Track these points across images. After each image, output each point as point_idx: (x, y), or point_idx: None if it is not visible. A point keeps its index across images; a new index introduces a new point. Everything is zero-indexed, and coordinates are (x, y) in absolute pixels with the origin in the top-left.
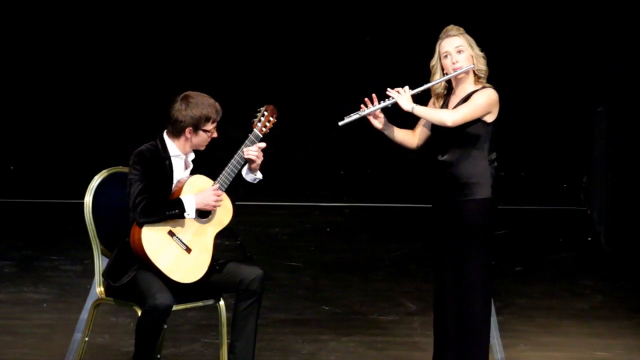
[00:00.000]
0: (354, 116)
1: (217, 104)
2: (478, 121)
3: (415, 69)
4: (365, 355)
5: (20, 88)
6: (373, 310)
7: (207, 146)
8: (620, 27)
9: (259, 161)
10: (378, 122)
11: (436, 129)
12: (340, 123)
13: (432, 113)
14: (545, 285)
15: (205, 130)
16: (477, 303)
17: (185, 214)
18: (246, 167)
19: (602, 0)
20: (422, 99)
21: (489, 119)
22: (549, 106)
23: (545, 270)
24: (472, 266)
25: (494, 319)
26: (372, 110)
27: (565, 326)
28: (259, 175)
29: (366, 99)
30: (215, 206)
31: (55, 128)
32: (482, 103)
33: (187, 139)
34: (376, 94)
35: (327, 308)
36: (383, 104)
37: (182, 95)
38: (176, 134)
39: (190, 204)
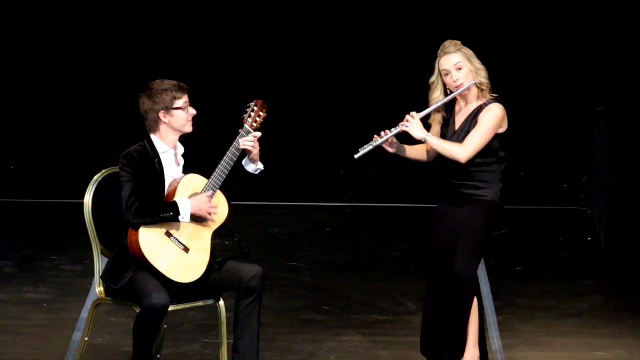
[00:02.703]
0: (368, 147)
1: (180, 83)
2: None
3: (416, 68)
4: (365, 355)
5: (20, 88)
6: (373, 310)
7: (193, 127)
8: (620, 28)
9: (255, 151)
10: (391, 148)
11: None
12: (355, 156)
13: (444, 147)
14: (545, 285)
15: (177, 108)
16: (460, 300)
17: (180, 218)
18: (246, 158)
19: (600, 1)
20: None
21: (501, 131)
22: (549, 106)
23: (545, 270)
24: (460, 263)
25: (493, 319)
26: (384, 140)
27: (565, 326)
28: (261, 165)
29: (375, 136)
30: (209, 212)
31: (55, 128)
32: (490, 126)
33: (166, 124)
34: (384, 106)
35: (327, 308)
36: (394, 132)
37: (146, 87)
38: (154, 125)
39: (185, 208)
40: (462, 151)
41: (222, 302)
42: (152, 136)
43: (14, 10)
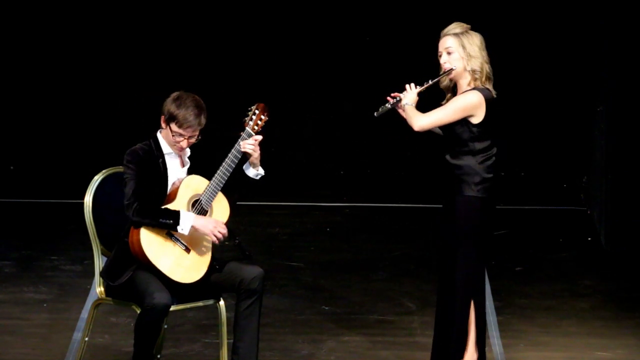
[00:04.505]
0: (385, 109)
1: (197, 118)
2: (463, 123)
3: (415, 68)
4: (365, 355)
5: (20, 88)
6: (373, 310)
7: (185, 148)
8: (620, 28)
9: (256, 154)
10: (404, 112)
11: (442, 128)
12: (375, 114)
13: (409, 114)
14: (545, 285)
15: (170, 129)
16: (457, 301)
17: (179, 228)
18: (247, 162)
19: (600, 1)
20: (433, 94)
21: (475, 120)
22: (549, 106)
23: (545, 270)
24: (456, 263)
25: (493, 319)
26: (395, 104)
27: (565, 326)
28: (261, 171)
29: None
30: (210, 235)
31: (55, 128)
32: (456, 108)
33: (164, 128)
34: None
35: (327, 308)
36: (393, 102)
37: (188, 93)
38: (160, 122)
39: (186, 221)
40: (419, 119)
41: (222, 302)
42: (159, 135)
43: (14, 10)
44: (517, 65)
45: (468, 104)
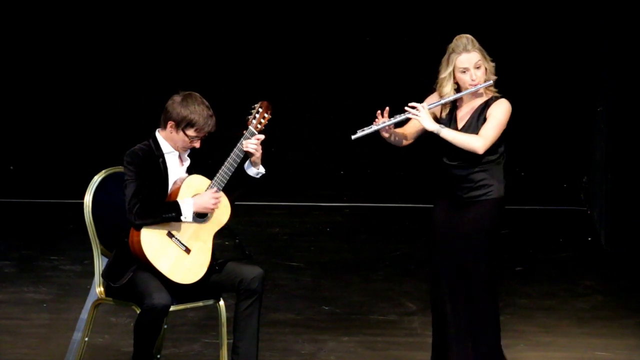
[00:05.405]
0: (367, 130)
1: (212, 118)
2: None
3: (415, 68)
4: (365, 355)
5: (20, 88)
6: (373, 310)
7: (193, 149)
8: (620, 28)
9: (258, 154)
10: (387, 133)
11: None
12: (353, 137)
13: (460, 139)
14: (545, 285)
15: (185, 134)
16: (481, 303)
17: (182, 217)
18: (248, 161)
19: (600, 1)
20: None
21: None
22: (549, 106)
23: (545, 270)
24: (481, 265)
25: None
26: (386, 125)
27: (565, 326)
28: (262, 169)
29: (378, 112)
30: (213, 209)
31: (55, 128)
32: (503, 119)
33: (169, 133)
34: (385, 105)
35: (327, 308)
36: (398, 119)
37: (188, 92)
38: (163, 125)
39: (187, 208)
40: (479, 141)
41: (222, 303)
42: (158, 135)
43: (14, 10)
44: (517, 65)
45: (509, 114)
